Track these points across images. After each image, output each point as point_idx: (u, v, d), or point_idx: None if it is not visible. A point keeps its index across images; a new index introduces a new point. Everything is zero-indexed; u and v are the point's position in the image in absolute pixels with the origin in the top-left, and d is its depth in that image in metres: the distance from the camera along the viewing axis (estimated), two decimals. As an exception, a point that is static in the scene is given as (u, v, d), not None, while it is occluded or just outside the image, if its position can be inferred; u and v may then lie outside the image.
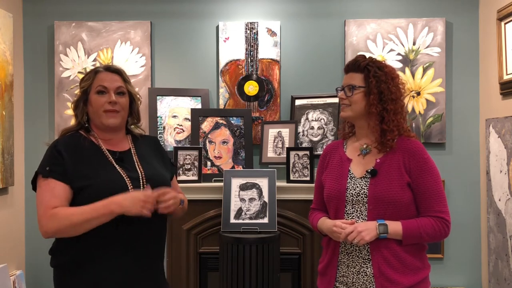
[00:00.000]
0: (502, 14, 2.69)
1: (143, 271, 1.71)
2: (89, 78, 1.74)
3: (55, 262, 1.72)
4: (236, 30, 3.08)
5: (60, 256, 1.69)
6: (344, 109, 1.88)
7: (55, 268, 1.72)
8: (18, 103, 3.04)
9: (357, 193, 1.81)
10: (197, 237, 2.82)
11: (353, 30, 3.05)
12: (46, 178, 1.64)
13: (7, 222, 2.94)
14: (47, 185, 1.63)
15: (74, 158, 1.66)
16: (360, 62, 1.84)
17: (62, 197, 1.62)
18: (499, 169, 2.69)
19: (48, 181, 1.63)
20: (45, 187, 1.63)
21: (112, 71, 1.77)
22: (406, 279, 1.74)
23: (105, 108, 1.71)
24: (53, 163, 1.64)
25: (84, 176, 1.64)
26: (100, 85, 1.72)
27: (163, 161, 1.89)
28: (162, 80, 3.15)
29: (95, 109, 1.72)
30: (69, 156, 1.65)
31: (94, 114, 1.73)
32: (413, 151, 1.80)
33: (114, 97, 1.72)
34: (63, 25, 3.10)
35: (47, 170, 1.64)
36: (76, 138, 1.73)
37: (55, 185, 1.62)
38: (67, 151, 1.66)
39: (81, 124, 1.76)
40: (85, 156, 1.69)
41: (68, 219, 1.58)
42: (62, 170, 1.63)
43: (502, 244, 2.66)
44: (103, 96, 1.72)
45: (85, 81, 1.75)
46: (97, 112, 1.72)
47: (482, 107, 3.01)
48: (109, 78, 1.74)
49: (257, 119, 3.08)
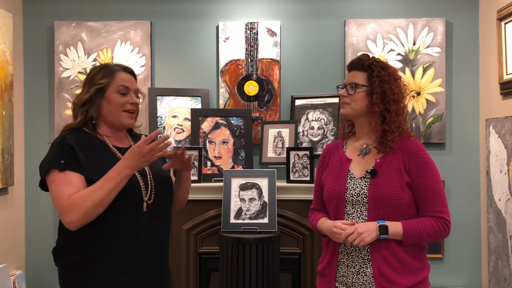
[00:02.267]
0: (502, 14, 2.69)
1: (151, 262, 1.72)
2: (107, 75, 1.74)
3: (63, 261, 1.69)
4: (236, 30, 3.08)
5: (71, 254, 1.67)
6: (344, 107, 1.87)
7: (62, 268, 1.70)
8: (18, 103, 3.04)
9: (357, 194, 1.81)
10: (197, 237, 2.82)
11: (353, 30, 3.05)
12: (62, 171, 1.61)
13: (7, 222, 2.94)
14: (62, 177, 1.60)
15: (84, 153, 1.66)
16: (364, 61, 1.84)
17: (80, 187, 1.60)
18: (499, 169, 2.69)
19: (65, 173, 1.61)
20: (60, 180, 1.61)
21: (129, 72, 1.80)
22: (406, 279, 1.74)
23: (126, 108, 1.74)
24: (66, 156, 1.63)
25: (96, 170, 1.64)
26: (122, 85, 1.73)
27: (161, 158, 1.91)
28: (162, 80, 3.15)
29: (114, 108, 1.73)
30: (79, 149, 1.65)
31: (111, 113, 1.74)
32: (413, 151, 1.80)
33: (136, 98, 1.76)
34: (63, 25, 3.10)
35: (62, 163, 1.62)
36: (82, 134, 1.72)
37: (72, 176, 1.61)
38: (77, 145, 1.66)
39: (85, 121, 1.74)
40: (93, 151, 1.69)
41: (89, 201, 1.56)
42: (76, 162, 1.63)
43: (502, 244, 2.66)
44: (124, 96, 1.74)
45: (104, 79, 1.73)
46: (116, 111, 1.73)
47: (482, 107, 3.01)
48: (129, 79, 1.77)
49: (257, 119, 3.08)
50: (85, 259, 1.64)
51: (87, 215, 1.57)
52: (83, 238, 1.63)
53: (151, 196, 1.71)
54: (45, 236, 3.10)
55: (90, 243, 1.63)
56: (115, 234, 1.64)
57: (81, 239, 1.63)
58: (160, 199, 1.75)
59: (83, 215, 1.57)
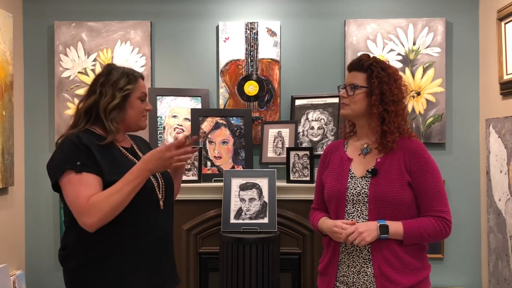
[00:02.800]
0: (502, 14, 2.69)
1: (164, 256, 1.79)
2: (132, 82, 1.79)
3: (74, 263, 1.67)
4: (236, 30, 3.08)
5: (77, 255, 1.66)
6: (344, 107, 1.88)
7: (71, 270, 1.69)
8: (18, 103, 3.04)
9: (357, 193, 1.81)
10: (197, 237, 2.82)
11: (353, 30, 3.05)
12: (79, 172, 1.61)
13: (7, 222, 2.94)
14: (80, 179, 1.60)
15: (100, 153, 1.67)
16: (364, 62, 1.84)
17: (98, 188, 1.61)
18: (499, 169, 2.69)
19: (82, 175, 1.60)
20: (78, 181, 1.60)
21: (143, 79, 1.87)
22: (406, 279, 1.74)
23: (144, 114, 1.84)
24: (83, 157, 1.62)
25: (114, 170, 1.66)
26: (143, 92, 1.82)
27: None
28: (162, 80, 3.15)
29: (136, 113, 1.80)
30: (95, 150, 1.66)
31: (132, 117, 1.79)
32: (414, 150, 1.80)
33: (150, 105, 1.86)
34: (63, 25, 3.10)
35: (79, 164, 1.61)
36: (91, 134, 1.73)
37: (89, 178, 1.61)
38: (93, 146, 1.66)
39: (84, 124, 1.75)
40: (106, 151, 1.70)
41: (109, 203, 1.58)
42: (94, 163, 1.63)
43: (502, 244, 2.66)
44: (143, 103, 1.82)
45: (130, 84, 1.77)
46: (137, 116, 1.81)
47: (482, 107, 3.01)
48: (145, 85, 1.86)
49: (257, 119, 3.08)
50: (99, 256, 1.65)
51: (106, 216, 1.59)
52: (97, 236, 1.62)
53: (163, 194, 1.79)
54: (45, 236, 3.10)
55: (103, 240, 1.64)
56: (132, 231, 1.67)
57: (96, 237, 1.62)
58: (169, 196, 1.83)
59: (103, 217, 1.58)
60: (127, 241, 1.67)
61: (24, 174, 3.10)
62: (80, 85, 3.09)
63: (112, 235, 1.64)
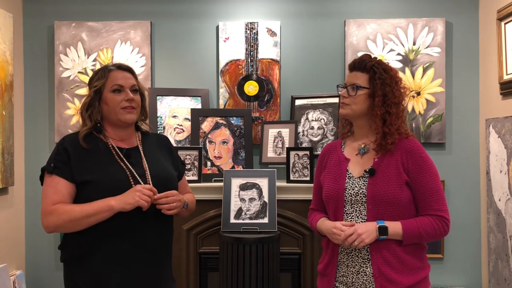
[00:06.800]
0: (502, 14, 2.69)
1: (145, 264, 1.73)
2: (101, 76, 1.76)
3: (63, 257, 1.76)
4: (236, 30, 3.08)
5: (67, 250, 1.74)
6: (344, 107, 1.87)
7: (63, 263, 1.76)
8: (18, 103, 3.04)
9: (355, 193, 1.81)
10: (197, 237, 2.82)
11: (353, 30, 3.05)
12: (50, 174, 1.69)
13: (7, 222, 2.94)
14: (51, 181, 1.69)
15: (80, 153, 1.71)
16: (366, 62, 1.83)
17: (64, 193, 1.67)
18: (499, 169, 2.69)
19: (52, 177, 1.69)
20: (49, 183, 1.69)
21: (124, 69, 1.80)
22: (406, 279, 1.74)
23: (122, 106, 1.75)
24: (58, 159, 1.70)
25: (88, 171, 1.68)
26: (115, 84, 1.75)
27: (172, 160, 1.92)
28: (162, 80, 3.15)
29: (112, 107, 1.75)
30: (75, 152, 1.70)
31: (110, 112, 1.76)
32: (411, 149, 1.80)
33: (131, 95, 1.76)
34: (63, 25, 3.10)
35: (52, 166, 1.69)
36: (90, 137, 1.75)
37: (59, 182, 1.68)
38: (73, 146, 1.71)
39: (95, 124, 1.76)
40: (91, 151, 1.72)
41: (67, 214, 1.63)
42: (65, 167, 1.68)
43: (502, 244, 2.66)
44: (119, 94, 1.75)
45: (98, 80, 1.76)
46: (114, 110, 1.75)
47: (482, 107, 3.01)
48: (123, 76, 1.78)
49: (257, 119, 3.08)
50: (78, 254, 1.70)
51: (63, 227, 1.66)
52: (76, 234, 1.67)
53: None
54: (45, 236, 3.10)
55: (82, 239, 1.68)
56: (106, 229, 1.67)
57: (75, 235, 1.68)
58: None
59: (58, 226, 1.66)
60: (104, 240, 1.68)
61: (24, 174, 3.11)
62: (80, 85, 3.10)
63: (85, 233, 1.67)
